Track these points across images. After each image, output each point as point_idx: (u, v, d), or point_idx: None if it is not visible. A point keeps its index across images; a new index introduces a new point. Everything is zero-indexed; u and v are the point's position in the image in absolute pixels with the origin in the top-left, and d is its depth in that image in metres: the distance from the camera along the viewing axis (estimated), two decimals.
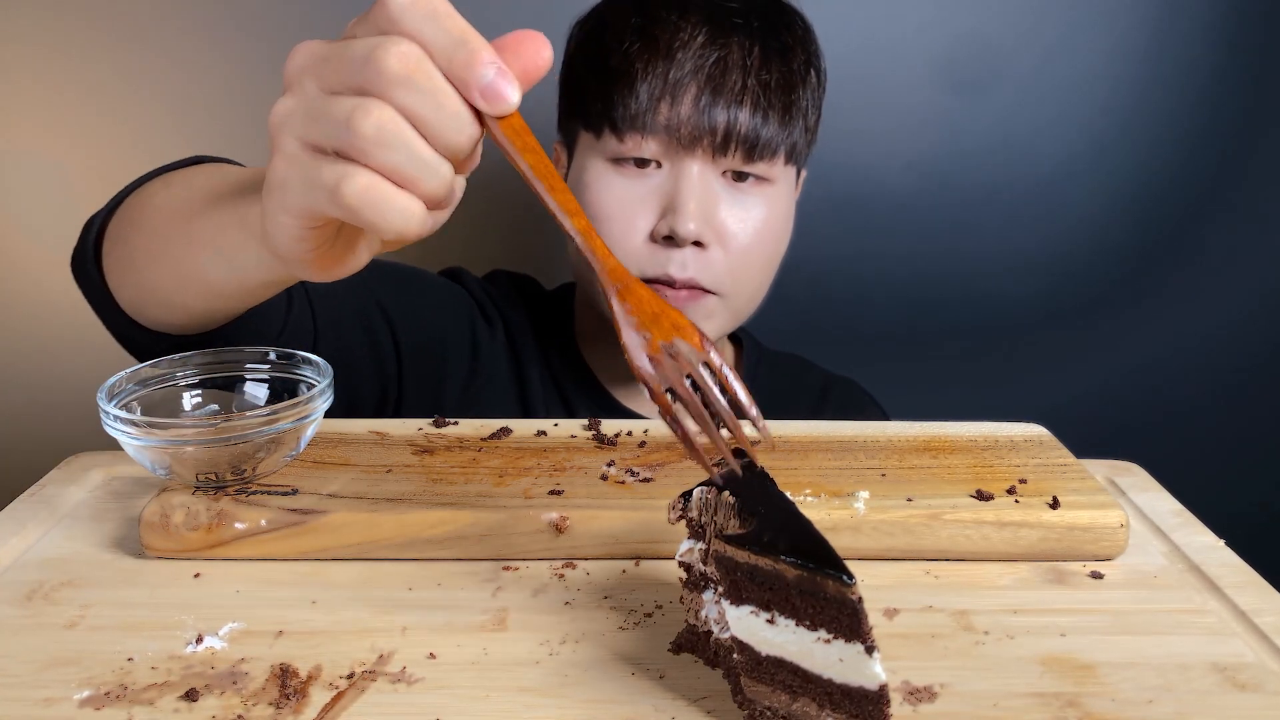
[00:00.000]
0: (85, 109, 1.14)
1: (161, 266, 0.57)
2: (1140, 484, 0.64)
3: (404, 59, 0.37)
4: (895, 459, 0.60)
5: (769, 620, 0.38)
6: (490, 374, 0.88)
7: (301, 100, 0.40)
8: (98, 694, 0.42)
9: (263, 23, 1.13)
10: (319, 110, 0.39)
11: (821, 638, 0.37)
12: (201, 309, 0.58)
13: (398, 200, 0.39)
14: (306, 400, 0.53)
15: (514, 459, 0.59)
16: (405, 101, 0.38)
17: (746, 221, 0.80)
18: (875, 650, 0.36)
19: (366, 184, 0.38)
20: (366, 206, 0.38)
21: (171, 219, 0.56)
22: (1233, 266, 1.27)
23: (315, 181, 0.39)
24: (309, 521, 0.52)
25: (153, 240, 0.57)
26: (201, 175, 0.58)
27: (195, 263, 0.54)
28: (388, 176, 0.39)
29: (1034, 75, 1.18)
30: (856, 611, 0.36)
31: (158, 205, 0.58)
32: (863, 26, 1.16)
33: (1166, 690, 0.43)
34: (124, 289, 0.60)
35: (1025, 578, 0.52)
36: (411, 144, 0.38)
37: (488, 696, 0.42)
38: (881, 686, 0.37)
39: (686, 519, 0.43)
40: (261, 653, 0.45)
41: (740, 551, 0.38)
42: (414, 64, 0.37)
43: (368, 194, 0.38)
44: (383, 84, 0.37)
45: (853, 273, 1.24)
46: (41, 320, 1.21)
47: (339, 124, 0.38)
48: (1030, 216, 1.24)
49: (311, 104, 0.39)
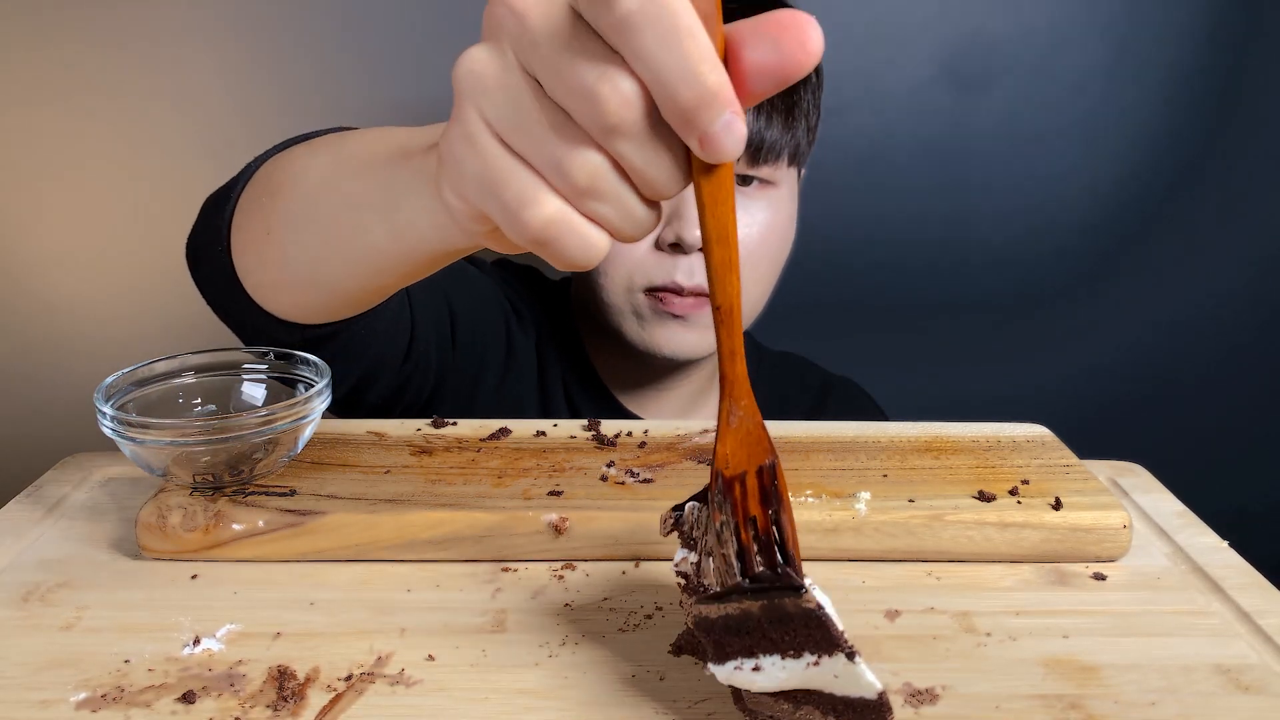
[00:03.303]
0: (84, 108, 1.14)
1: (311, 234, 0.50)
2: (1143, 485, 0.63)
3: (627, 107, 0.31)
4: (897, 460, 0.60)
5: (755, 668, 0.37)
6: (521, 372, 0.87)
7: (502, 75, 0.33)
8: (94, 696, 0.41)
9: (263, 23, 1.12)
10: (522, 113, 0.33)
11: (809, 661, 0.36)
12: (350, 285, 0.52)
13: (585, 234, 0.34)
14: (304, 400, 0.53)
15: (513, 460, 0.59)
16: (620, 149, 0.32)
17: (751, 226, 0.80)
18: (857, 655, 0.36)
19: (555, 215, 0.33)
20: (550, 240, 0.33)
21: (326, 182, 0.49)
22: (1234, 258, 1.27)
23: (496, 192, 0.34)
24: (307, 523, 0.52)
25: (304, 205, 0.51)
26: (353, 138, 0.51)
27: (356, 226, 0.47)
28: (583, 214, 0.34)
29: (1032, 72, 1.18)
30: (821, 620, 0.35)
31: (306, 168, 0.52)
32: (860, 20, 1.16)
33: (1169, 692, 0.43)
34: (260, 267, 0.55)
35: (1028, 579, 0.52)
36: (620, 195, 0.33)
37: (487, 699, 0.42)
38: (880, 694, 0.36)
39: (679, 532, 0.43)
40: (259, 654, 0.45)
41: (712, 606, 0.37)
42: (637, 114, 0.31)
43: (553, 227, 0.33)
44: (599, 130, 0.32)
45: (851, 264, 1.24)
46: (38, 320, 1.21)
47: (545, 155, 0.33)
48: (1029, 208, 1.24)
49: (513, 93, 0.33)
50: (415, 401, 0.76)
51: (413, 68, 1.15)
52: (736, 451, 0.37)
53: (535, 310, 0.91)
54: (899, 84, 1.18)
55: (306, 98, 1.15)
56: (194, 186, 0.67)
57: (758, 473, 0.37)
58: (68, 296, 1.21)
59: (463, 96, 0.34)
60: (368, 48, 1.14)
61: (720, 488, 0.37)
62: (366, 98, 1.16)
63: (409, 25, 1.13)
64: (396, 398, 0.74)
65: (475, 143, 0.33)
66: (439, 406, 0.77)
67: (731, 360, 0.37)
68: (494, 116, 0.33)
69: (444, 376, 0.78)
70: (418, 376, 0.74)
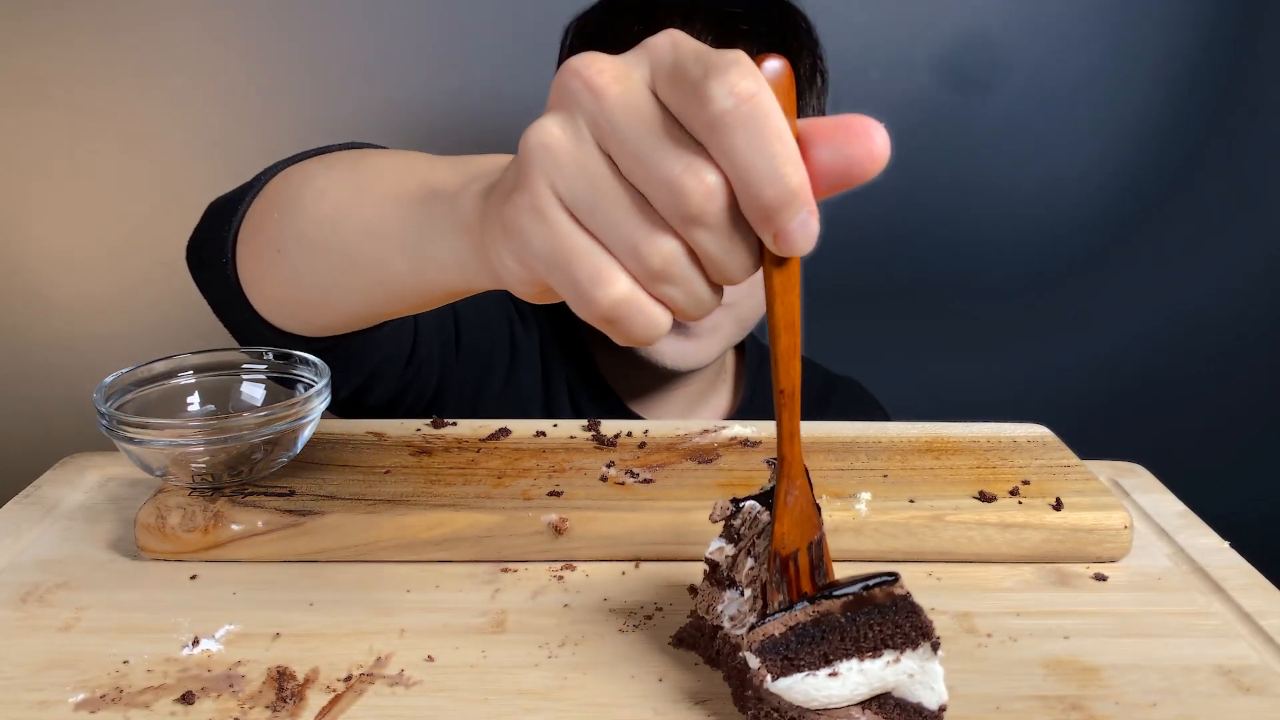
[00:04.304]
0: (84, 108, 1.14)
1: (325, 258, 0.49)
2: (1144, 485, 0.63)
3: (710, 199, 0.31)
4: (897, 460, 0.60)
5: (831, 674, 0.37)
6: (526, 375, 0.87)
7: (576, 152, 0.32)
8: (93, 697, 0.41)
9: (263, 22, 1.12)
10: (598, 193, 0.32)
11: (889, 660, 0.37)
12: (360, 310, 0.52)
13: (651, 314, 0.33)
14: (303, 401, 0.53)
15: (513, 460, 0.59)
16: (698, 239, 0.32)
17: None
18: (940, 648, 0.37)
19: (625, 296, 0.33)
20: (618, 320, 0.33)
21: (344, 207, 0.48)
22: (1236, 257, 1.27)
23: (566, 269, 0.33)
24: (306, 523, 0.52)
25: (320, 228, 0.49)
26: (372, 163, 0.50)
27: (375, 256, 0.46)
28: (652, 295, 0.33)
29: (1032, 69, 1.18)
30: (913, 607, 0.37)
31: (323, 190, 0.50)
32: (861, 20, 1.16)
33: (1170, 693, 0.42)
34: (268, 284, 0.54)
35: (1028, 580, 0.52)
36: (692, 282, 0.33)
37: (486, 700, 0.42)
38: (941, 707, 0.37)
39: (728, 524, 0.43)
40: (258, 655, 0.44)
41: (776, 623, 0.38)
42: (718, 205, 0.31)
43: (623, 307, 0.33)
44: (679, 219, 0.31)
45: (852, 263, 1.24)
46: (38, 320, 1.21)
47: (621, 237, 0.32)
48: (1031, 206, 1.24)
49: (588, 172, 0.32)
50: (418, 403, 0.75)
51: (414, 69, 1.15)
52: (791, 530, 0.39)
53: (539, 312, 0.91)
54: (900, 83, 1.18)
55: (307, 98, 1.15)
56: (194, 186, 0.67)
57: (808, 548, 0.39)
58: (67, 296, 1.21)
59: (532, 167, 0.33)
60: (368, 48, 1.14)
61: (777, 567, 0.39)
62: (366, 98, 1.16)
63: (410, 26, 1.13)
64: (399, 400, 0.74)
65: (546, 216, 0.33)
66: (443, 408, 0.77)
67: (790, 442, 0.38)
68: (567, 192, 0.32)
69: (447, 379, 0.78)
70: (420, 379, 0.74)
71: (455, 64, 1.15)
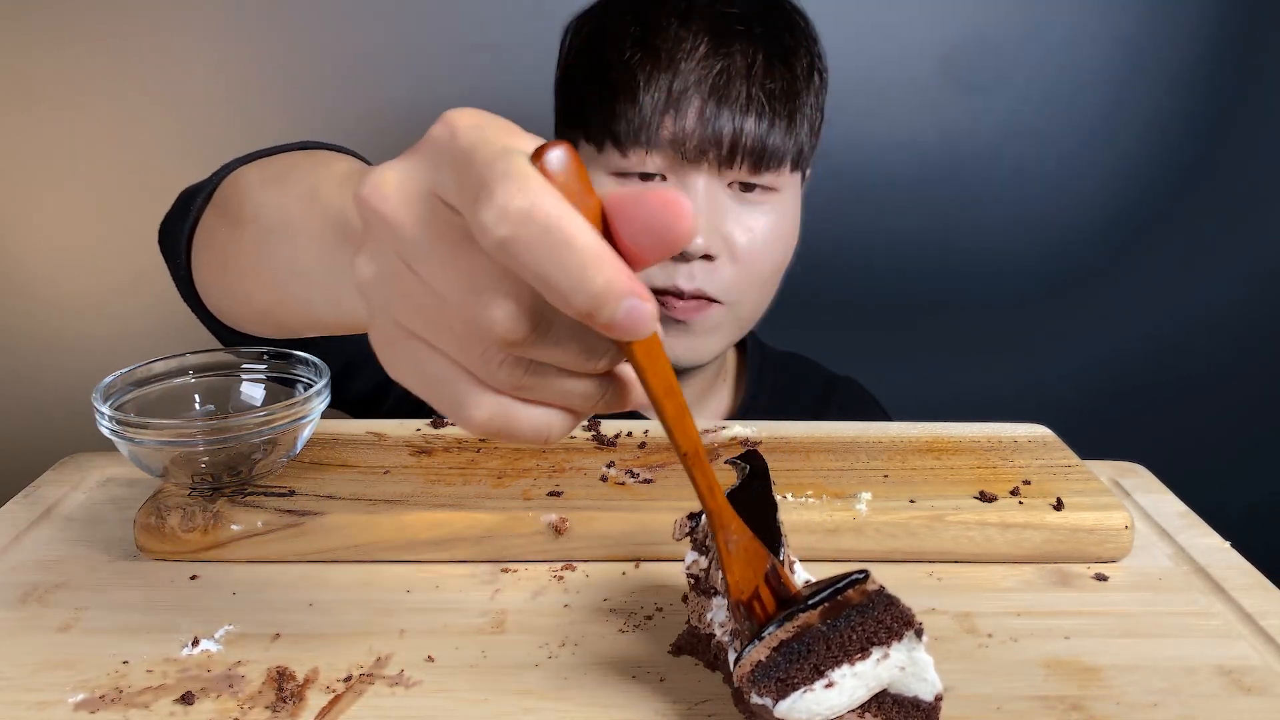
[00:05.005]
0: (82, 108, 1.14)
1: (262, 278, 0.49)
2: (1145, 485, 0.63)
3: (516, 324, 0.29)
4: (898, 460, 0.60)
5: (828, 685, 0.37)
6: None
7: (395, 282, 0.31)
8: (92, 697, 0.41)
9: (260, 22, 1.12)
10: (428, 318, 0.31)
11: (878, 657, 0.37)
12: (303, 328, 0.51)
13: (532, 419, 0.32)
14: (303, 401, 0.53)
15: (513, 460, 0.59)
16: (529, 354, 0.31)
17: (754, 232, 0.79)
18: (924, 633, 0.37)
19: (494, 412, 0.31)
20: (498, 432, 0.32)
21: (272, 231, 0.47)
22: (1234, 255, 1.27)
23: (429, 395, 0.32)
24: (306, 523, 0.52)
25: (257, 247, 0.49)
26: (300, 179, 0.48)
27: (298, 296, 0.46)
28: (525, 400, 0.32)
29: (1034, 73, 1.18)
30: (891, 598, 0.37)
31: (260, 205, 0.50)
32: (862, 19, 1.16)
33: (1171, 693, 0.42)
34: (211, 290, 0.55)
35: (1029, 580, 0.52)
36: (552, 384, 0.32)
37: (486, 700, 0.42)
38: (938, 697, 0.37)
39: (692, 538, 0.43)
40: (258, 656, 0.44)
41: (760, 649, 0.37)
42: (526, 327, 0.29)
43: (496, 420, 0.32)
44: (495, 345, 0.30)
45: (853, 263, 1.24)
46: (37, 320, 1.21)
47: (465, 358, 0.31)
48: (1032, 208, 1.24)
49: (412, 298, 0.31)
50: (408, 395, 0.75)
51: (413, 69, 1.15)
52: (744, 573, 0.39)
53: None
54: (900, 84, 1.18)
55: (307, 98, 1.15)
56: None
57: (765, 580, 0.39)
58: (66, 296, 1.21)
59: (371, 303, 0.33)
60: (368, 49, 1.14)
61: (743, 614, 0.39)
62: (367, 99, 1.16)
63: (410, 26, 1.13)
64: (384, 390, 0.73)
65: (395, 348, 0.33)
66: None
67: (711, 495, 0.37)
68: (407, 322, 0.32)
69: None
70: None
71: (454, 64, 1.15)
